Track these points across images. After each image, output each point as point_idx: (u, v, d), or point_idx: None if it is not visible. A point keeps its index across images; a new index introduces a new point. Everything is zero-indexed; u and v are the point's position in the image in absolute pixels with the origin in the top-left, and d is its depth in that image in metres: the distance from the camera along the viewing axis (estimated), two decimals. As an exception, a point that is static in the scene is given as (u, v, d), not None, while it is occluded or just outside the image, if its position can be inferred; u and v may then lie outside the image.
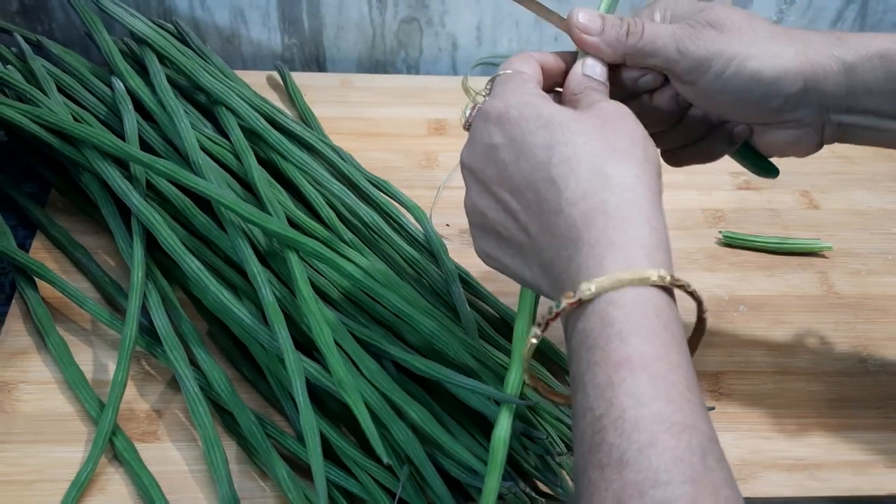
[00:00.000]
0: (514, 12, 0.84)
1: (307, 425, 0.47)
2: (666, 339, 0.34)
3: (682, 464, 0.31)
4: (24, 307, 0.60)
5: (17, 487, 0.51)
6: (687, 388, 0.33)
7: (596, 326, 0.35)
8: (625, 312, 0.34)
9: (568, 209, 0.37)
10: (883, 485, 0.54)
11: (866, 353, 0.62)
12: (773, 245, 0.69)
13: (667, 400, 0.32)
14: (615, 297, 0.35)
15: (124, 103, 0.63)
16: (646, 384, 0.33)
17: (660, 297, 0.35)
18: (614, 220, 0.36)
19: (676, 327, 0.35)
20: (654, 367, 0.33)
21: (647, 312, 0.35)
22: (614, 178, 0.37)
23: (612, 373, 0.33)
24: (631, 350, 0.33)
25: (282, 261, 0.55)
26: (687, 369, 0.34)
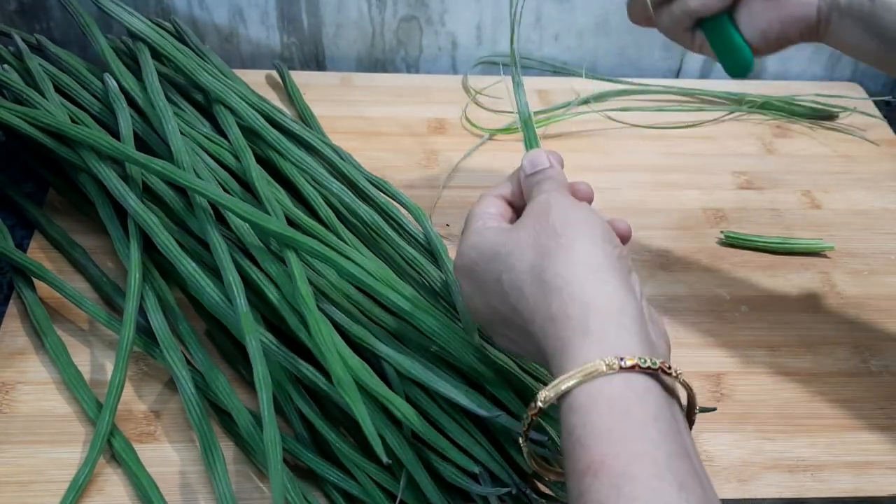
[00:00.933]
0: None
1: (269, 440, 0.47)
2: (624, 431, 0.33)
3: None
4: (21, 307, 0.60)
5: (16, 488, 0.50)
6: (654, 476, 0.32)
7: (563, 435, 0.35)
8: (580, 416, 0.34)
9: (530, 328, 0.39)
10: (885, 486, 0.54)
11: (868, 354, 0.62)
12: (775, 245, 0.69)
13: (628, 499, 0.31)
14: (570, 401, 0.35)
15: (118, 102, 0.63)
16: (607, 489, 0.32)
17: (613, 384, 0.34)
18: (561, 322, 0.37)
19: (640, 410, 0.34)
20: (613, 467, 0.32)
21: (600, 409, 0.34)
22: (550, 282, 0.38)
23: (580, 482, 0.33)
24: (588, 455, 0.33)
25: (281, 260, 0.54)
26: (654, 452, 0.32)
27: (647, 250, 0.68)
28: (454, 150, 0.76)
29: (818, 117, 0.83)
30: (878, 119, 0.83)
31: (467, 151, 0.76)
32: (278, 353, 0.52)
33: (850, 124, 0.82)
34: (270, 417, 0.48)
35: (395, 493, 0.49)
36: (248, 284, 0.54)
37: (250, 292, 0.54)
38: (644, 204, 0.73)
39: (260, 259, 0.55)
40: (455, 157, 0.76)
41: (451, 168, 0.75)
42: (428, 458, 0.49)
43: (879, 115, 0.83)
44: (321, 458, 0.51)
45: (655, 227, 0.70)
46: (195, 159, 0.60)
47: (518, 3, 0.55)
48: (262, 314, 0.55)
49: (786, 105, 0.83)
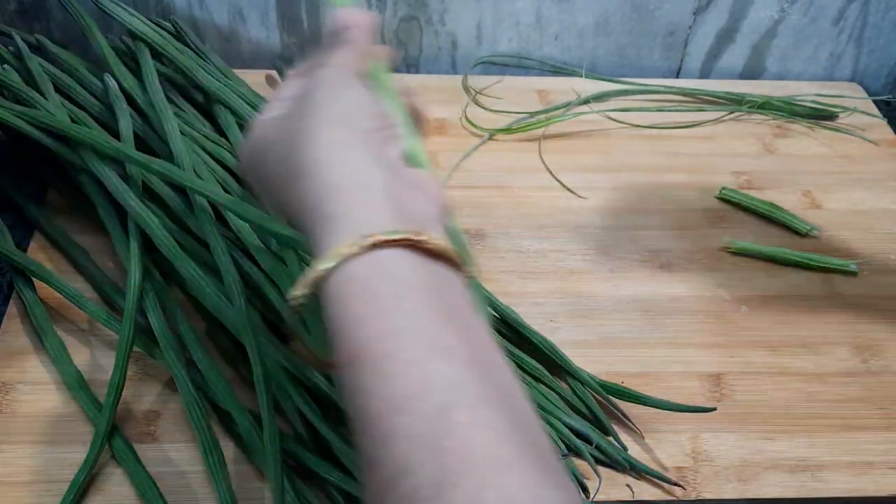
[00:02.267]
0: (514, 11, 0.84)
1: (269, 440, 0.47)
2: (376, 310, 0.31)
3: (419, 440, 0.28)
4: (21, 307, 0.60)
5: (15, 488, 0.50)
6: (409, 349, 0.30)
7: (329, 331, 0.32)
8: (335, 306, 0.31)
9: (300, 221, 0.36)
10: (885, 486, 0.54)
11: (868, 354, 0.62)
12: (797, 260, 0.68)
13: (388, 378, 0.29)
14: (327, 292, 0.32)
15: (118, 102, 0.63)
16: (367, 375, 0.29)
17: (363, 264, 0.32)
18: (309, 211, 0.34)
19: (392, 284, 0.31)
20: (371, 350, 0.30)
21: (352, 292, 0.31)
22: (298, 169, 0.35)
23: (345, 375, 0.30)
24: (348, 344, 0.30)
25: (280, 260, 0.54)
26: (409, 324, 0.30)
27: (647, 250, 0.68)
28: (454, 150, 0.76)
29: (818, 117, 0.83)
30: (878, 119, 0.83)
31: (467, 151, 0.76)
32: (278, 353, 0.52)
33: (850, 124, 0.82)
34: (270, 417, 0.48)
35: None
36: (248, 284, 0.54)
37: (250, 292, 0.54)
38: (644, 204, 0.73)
39: (259, 259, 0.55)
40: (455, 157, 0.76)
41: (451, 168, 0.74)
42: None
43: (879, 115, 0.83)
44: (321, 458, 0.51)
45: (655, 227, 0.70)
46: (195, 159, 0.60)
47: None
48: (262, 314, 0.55)
49: (786, 105, 0.83)
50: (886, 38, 0.87)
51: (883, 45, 0.88)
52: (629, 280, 0.66)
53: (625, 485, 0.52)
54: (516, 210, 0.71)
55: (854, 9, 0.85)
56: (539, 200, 0.72)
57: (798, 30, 0.86)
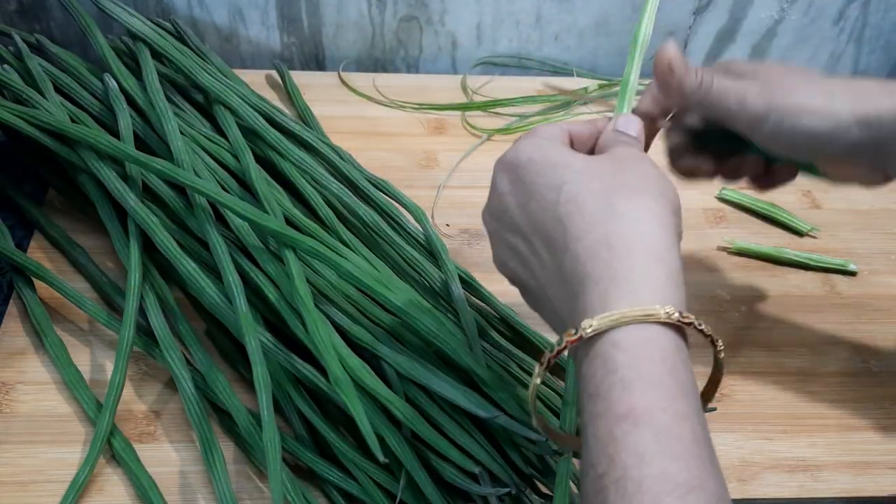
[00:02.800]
0: (514, 11, 0.84)
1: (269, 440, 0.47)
2: (671, 387, 0.32)
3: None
4: (21, 307, 0.60)
5: (15, 488, 0.50)
6: (693, 442, 0.31)
7: (598, 372, 0.33)
8: (628, 356, 0.33)
9: (573, 245, 0.36)
10: (885, 486, 0.54)
11: (868, 354, 0.62)
12: (792, 260, 0.68)
13: (671, 458, 0.30)
14: (618, 337, 0.33)
15: (118, 102, 0.63)
16: (649, 440, 0.31)
17: (667, 337, 0.33)
18: (618, 251, 0.34)
19: (684, 373, 0.33)
20: (658, 420, 0.31)
21: (653, 356, 0.33)
22: (621, 210, 0.36)
23: (614, 426, 0.31)
24: (634, 400, 0.32)
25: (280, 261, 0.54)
26: (695, 420, 0.32)
27: (647, 250, 0.68)
28: (454, 150, 0.76)
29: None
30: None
31: (467, 151, 0.76)
32: (278, 352, 0.52)
33: None
34: (270, 417, 0.48)
35: (394, 493, 0.49)
36: (247, 284, 0.54)
37: (250, 292, 0.54)
38: (644, 204, 0.73)
39: (259, 259, 0.55)
40: (455, 157, 0.76)
41: (451, 168, 0.74)
42: (428, 457, 0.49)
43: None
44: (321, 458, 0.51)
45: (655, 227, 0.70)
46: (195, 159, 0.60)
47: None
48: (262, 314, 0.55)
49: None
50: (886, 39, 0.87)
51: (883, 45, 0.88)
52: (629, 280, 0.66)
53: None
54: (516, 210, 0.71)
55: (854, 9, 0.85)
56: (539, 200, 0.72)
57: (798, 30, 0.86)
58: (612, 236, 0.35)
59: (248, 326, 0.51)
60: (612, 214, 0.36)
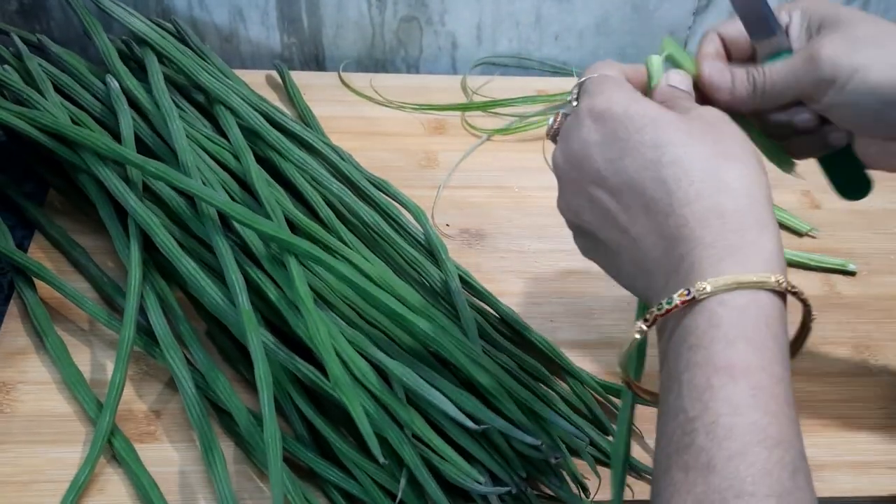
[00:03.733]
0: (514, 11, 0.84)
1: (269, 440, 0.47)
2: (773, 350, 0.33)
3: (769, 478, 0.30)
4: (22, 307, 0.60)
5: (16, 488, 0.50)
6: (786, 403, 0.32)
7: (702, 325, 0.34)
8: (734, 316, 0.34)
9: (680, 210, 0.36)
10: (885, 486, 0.54)
11: (868, 354, 0.62)
12: (792, 260, 0.68)
13: (764, 412, 0.32)
14: (727, 298, 0.34)
15: (119, 103, 0.63)
16: (745, 393, 0.32)
17: (773, 304, 0.34)
18: (731, 223, 0.35)
19: (784, 339, 0.34)
20: (756, 377, 0.32)
21: (759, 319, 0.34)
22: (730, 182, 0.36)
23: (713, 376, 0.32)
24: (735, 356, 0.33)
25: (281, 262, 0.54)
26: (787, 384, 0.33)
27: (647, 250, 0.68)
28: (454, 150, 0.76)
29: (818, 117, 0.83)
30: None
31: (467, 151, 0.76)
32: (279, 352, 0.52)
33: (849, 124, 0.82)
34: (271, 417, 0.48)
35: (395, 492, 0.49)
36: (248, 284, 0.54)
37: (251, 292, 0.54)
38: (644, 204, 0.73)
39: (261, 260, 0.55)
40: (455, 157, 0.76)
41: (451, 168, 0.75)
42: (429, 457, 0.49)
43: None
44: (321, 458, 0.51)
45: (655, 227, 0.70)
46: (197, 160, 0.60)
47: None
48: (263, 314, 0.55)
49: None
50: (886, 39, 0.87)
51: (883, 45, 0.88)
52: (629, 280, 0.66)
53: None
54: (516, 210, 0.71)
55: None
56: (539, 200, 0.72)
57: (798, 30, 0.86)
58: (723, 206, 0.35)
59: (249, 325, 0.51)
60: (720, 183, 0.36)
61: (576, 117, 0.41)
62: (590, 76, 0.42)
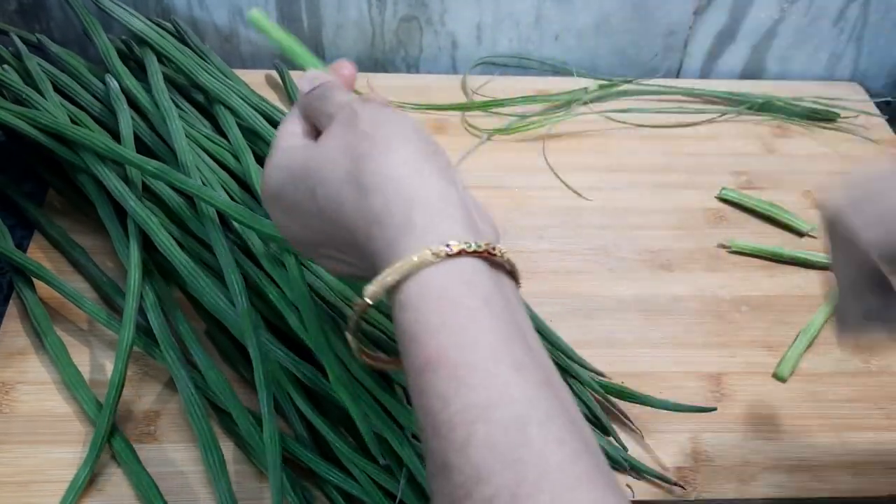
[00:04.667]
0: (514, 11, 0.84)
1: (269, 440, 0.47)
2: (456, 319, 0.31)
3: (497, 449, 0.28)
4: (21, 307, 0.60)
5: (15, 488, 0.50)
6: (490, 360, 0.30)
7: (397, 335, 0.33)
8: (411, 311, 0.32)
9: (355, 238, 0.36)
10: (885, 486, 0.54)
11: (868, 354, 0.62)
12: (793, 259, 0.68)
13: (469, 387, 0.30)
14: (402, 297, 0.32)
15: (119, 102, 0.63)
16: (446, 381, 0.30)
17: (442, 272, 0.32)
18: (384, 222, 0.34)
19: (470, 295, 0.32)
20: (450, 359, 0.30)
21: (431, 300, 0.32)
22: (369, 183, 0.35)
23: (419, 379, 0.31)
24: (425, 350, 0.31)
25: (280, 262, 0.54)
26: (488, 337, 0.31)
27: (647, 250, 0.68)
28: (454, 150, 0.76)
29: (818, 118, 0.83)
30: (878, 119, 0.83)
31: (467, 151, 0.76)
32: (278, 353, 0.52)
33: (850, 124, 0.82)
34: (270, 417, 0.48)
35: (394, 493, 0.49)
36: (248, 284, 0.54)
37: (250, 292, 0.54)
38: (644, 204, 0.73)
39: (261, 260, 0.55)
40: (455, 157, 0.76)
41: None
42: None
43: (880, 115, 0.83)
44: (321, 458, 0.51)
45: (655, 227, 0.70)
46: (197, 160, 0.60)
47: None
48: (263, 314, 0.55)
49: (786, 105, 0.83)
50: (886, 39, 0.87)
51: (883, 45, 0.88)
52: (629, 280, 0.66)
53: (625, 485, 0.52)
54: (516, 210, 0.71)
55: (854, 9, 0.85)
56: (539, 200, 0.72)
57: (798, 30, 0.86)
58: (374, 211, 0.35)
59: (249, 325, 0.51)
60: (365, 193, 0.35)
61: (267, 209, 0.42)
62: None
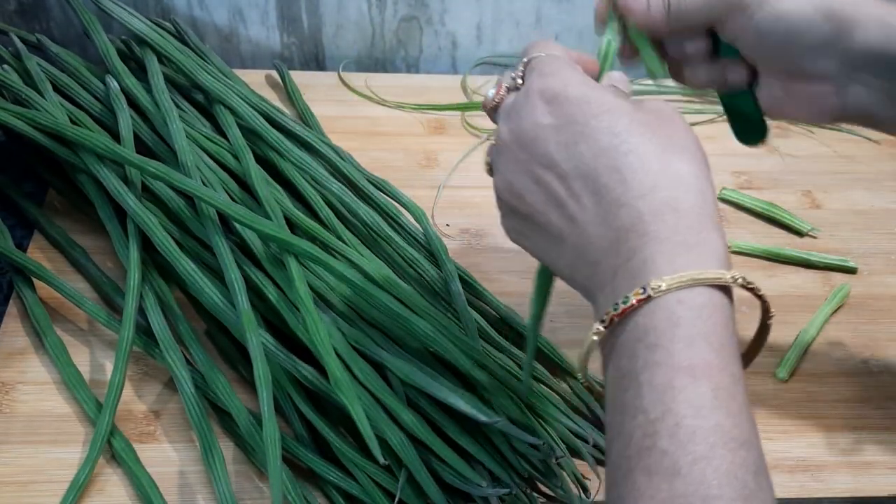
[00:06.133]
0: (514, 11, 0.84)
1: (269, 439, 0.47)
2: (730, 349, 0.33)
3: (735, 481, 0.30)
4: (21, 307, 0.60)
5: (15, 488, 0.50)
6: (744, 403, 0.32)
7: (661, 324, 0.33)
8: (693, 315, 0.33)
9: (634, 201, 0.35)
10: (885, 486, 0.54)
11: (868, 354, 0.62)
12: (792, 257, 0.68)
13: (727, 413, 0.31)
14: (685, 296, 0.33)
15: (118, 102, 0.63)
16: (708, 394, 0.31)
17: (727, 303, 0.34)
18: (687, 219, 0.35)
19: (736, 339, 0.34)
20: (717, 378, 0.32)
21: (716, 318, 0.33)
22: (684, 177, 0.35)
23: (674, 376, 0.32)
24: (696, 356, 0.32)
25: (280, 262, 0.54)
26: (743, 383, 0.33)
27: (647, 250, 0.68)
28: (454, 150, 0.76)
29: (818, 117, 0.83)
30: (878, 119, 0.83)
31: (467, 151, 0.76)
32: (278, 353, 0.52)
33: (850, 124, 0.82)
34: (270, 416, 0.48)
35: (394, 493, 0.48)
36: (248, 285, 0.54)
37: (250, 292, 0.54)
38: (644, 204, 0.73)
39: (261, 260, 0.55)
40: (455, 157, 0.76)
41: (451, 168, 0.74)
42: (428, 458, 0.49)
43: (879, 115, 0.83)
44: (321, 458, 0.51)
45: (655, 227, 0.70)
46: (196, 160, 0.60)
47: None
48: (262, 314, 0.55)
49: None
50: (886, 38, 0.87)
51: (883, 45, 0.88)
52: (629, 280, 0.66)
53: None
54: (516, 210, 0.71)
55: (854, 9, 0.85)
56: (539, 200, 0.72)
57: (798, 30, 0.86)
58: (679, 202, 0.35)
59: (249, 325, 0.51)
60: (676, 177, 0.35)
61: (527, 96, 0.39)
62: (537, 54, 0.41)
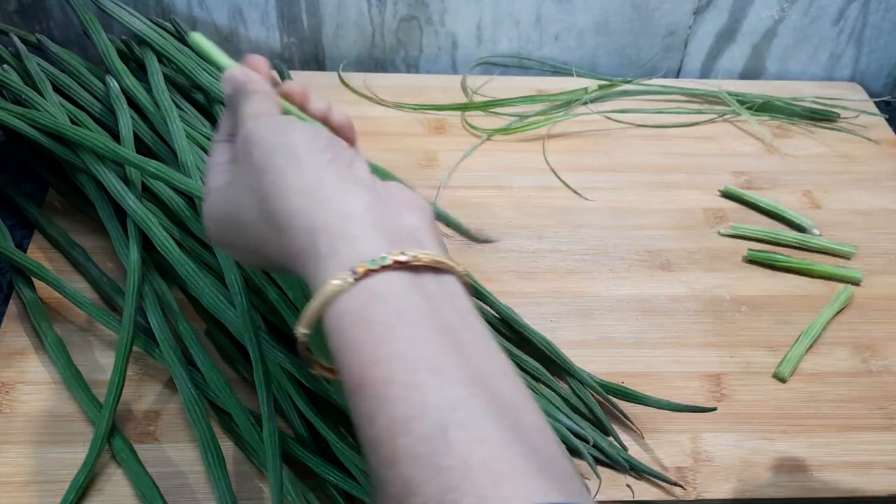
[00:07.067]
0: (514, 11, 0.84)
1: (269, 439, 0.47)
2: (371, 339, 0.31)
3: (421, 460, 0.28)
4: (21, 307, 0.60)
5: (15, 488, 0.50)
6: (407, 371, 0.30)
7: (336, 358, 0.33)
8: (334, 339, 0.32)
9: (292, 272, 0.36)
10: (885, 486, 0.54)
11: (868, 354, 0.62)
12: (798, 266, 0.67)
13: (388, 403, 0.30)
14: (326, 328, 0.33)
15: (118, 102, 0.63)
16: (369, 401, 0.30)
17: (354, 296, 0.32)
18: (300, 257, 0.35)
19: (383, 310, 0.32)
20: (370, 378, 0.31)
21: (346, 325, 0.32)
22: (279, 223, 0.36)
23: (350, 401, 0.31)
24: (349, 373, 0.31)
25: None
26: (404, 348, 0.31)
27: (647, 250, 0.68)
28: (454, 150, 0.76)
29: (818, 119, 0.83)
30: (878, 119, 0.83)
31: (467, 151, 0.76)
32: (278, 353, 0.52)
33: (850, 124, 0.82)
34: (270, 417, 0.48)
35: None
36: (248, 284, 0.54)
37: (250, 292, 0.54)
38: (644, 204, 0.73)
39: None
40: (455, 157, 0.76)
41: (451, 168, 0.74)
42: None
43: (879, 115, 0.83)
44: (321, 458, 0.51)
45: (655, 227, 0.70)
46: (197, 160, 0.60)
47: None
48: (262, 314, 0.55)
49: (786, 105, 0.83)
50: (886, 38, 0.87)
51: (883, 45, 0.88)
52: (629, 280, 0.66)
53: (625, 485, 0.52)
54: (516, 210, 0.71)
55: (854, 9, 0.85)
56: (539, 200, 0.72)
57: (798, 30, 0.86)
58: (291, 248, 0.35)
59: (248, 325, 0.51)
60: (279, 232, 0.36)
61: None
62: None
